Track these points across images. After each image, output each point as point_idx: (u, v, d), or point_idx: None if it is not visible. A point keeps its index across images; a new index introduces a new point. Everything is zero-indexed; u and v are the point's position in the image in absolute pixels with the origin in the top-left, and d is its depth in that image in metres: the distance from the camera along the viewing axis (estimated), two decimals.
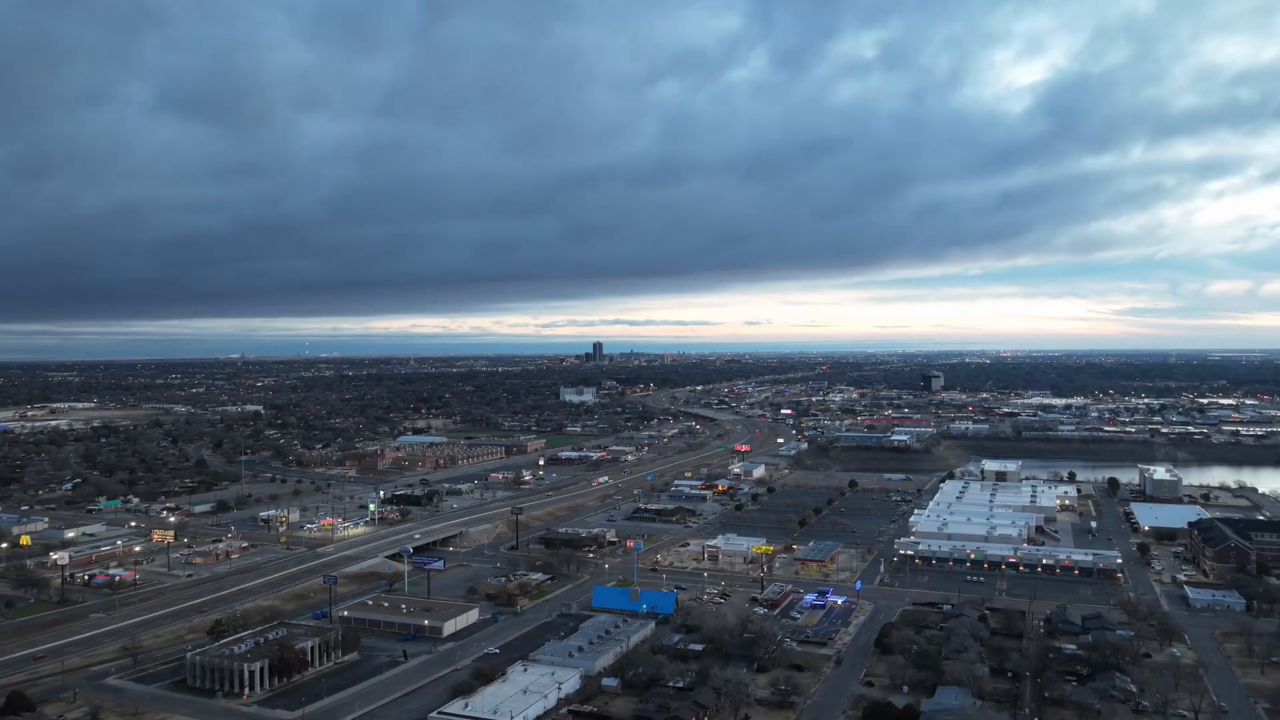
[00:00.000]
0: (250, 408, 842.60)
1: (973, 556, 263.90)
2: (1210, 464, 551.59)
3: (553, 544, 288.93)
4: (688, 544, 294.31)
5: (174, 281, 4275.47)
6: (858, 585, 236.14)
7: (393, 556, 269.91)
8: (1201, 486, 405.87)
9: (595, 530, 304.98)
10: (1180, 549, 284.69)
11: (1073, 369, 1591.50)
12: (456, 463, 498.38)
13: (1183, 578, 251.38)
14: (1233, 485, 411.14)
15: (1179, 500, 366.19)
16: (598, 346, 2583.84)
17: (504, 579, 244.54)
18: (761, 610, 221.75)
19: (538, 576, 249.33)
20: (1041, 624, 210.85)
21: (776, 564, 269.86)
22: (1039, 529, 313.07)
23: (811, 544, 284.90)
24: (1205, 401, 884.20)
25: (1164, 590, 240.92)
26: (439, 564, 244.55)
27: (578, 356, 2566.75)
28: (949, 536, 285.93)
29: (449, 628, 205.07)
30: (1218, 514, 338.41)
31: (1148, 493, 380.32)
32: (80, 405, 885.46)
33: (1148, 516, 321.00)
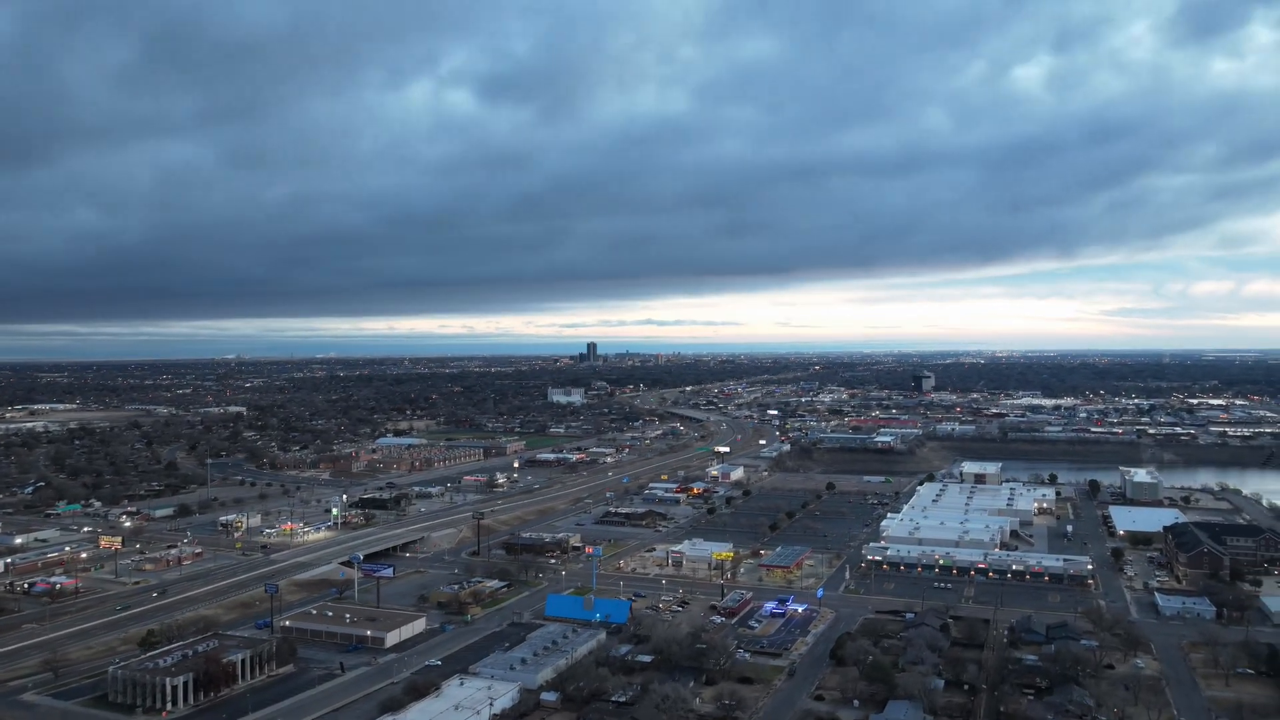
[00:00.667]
0: (233, 409, 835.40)
1: (941, 562, 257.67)
2: (1197, 466, 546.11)
3: (514, 550, 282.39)
4: (654, 549, 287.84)
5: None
6: (819, 593, 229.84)
7: (346, 563, 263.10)
8: (1183, 489, 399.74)
9: (560, 535, 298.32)
10: (1155, 554, 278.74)
11: (1066, 369, 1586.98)
12: (433, 465, 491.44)
13: (1155, 584, 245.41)
14: (1215, 487, 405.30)
15: (1159, 503, 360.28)
16: (591, 347, 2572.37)
17: (457, 586, 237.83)
18: (719, 619, 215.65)
19: (493, 584, 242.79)
20: (1006, 633, 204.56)
21: (742, 570, 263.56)
22: (1014, 533, 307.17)
23: (779, 549, 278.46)
24: (1195, 402, 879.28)
25: (1135, 597, 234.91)
26: (388, 571, 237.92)
27: (571, 357, 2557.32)
28: (920, 541, 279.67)
29: (392, 638, 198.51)
30: (1197, 517, 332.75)
31: (1128, 495, 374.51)
32: (61, 407, 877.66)
33: (1125, 520, 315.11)
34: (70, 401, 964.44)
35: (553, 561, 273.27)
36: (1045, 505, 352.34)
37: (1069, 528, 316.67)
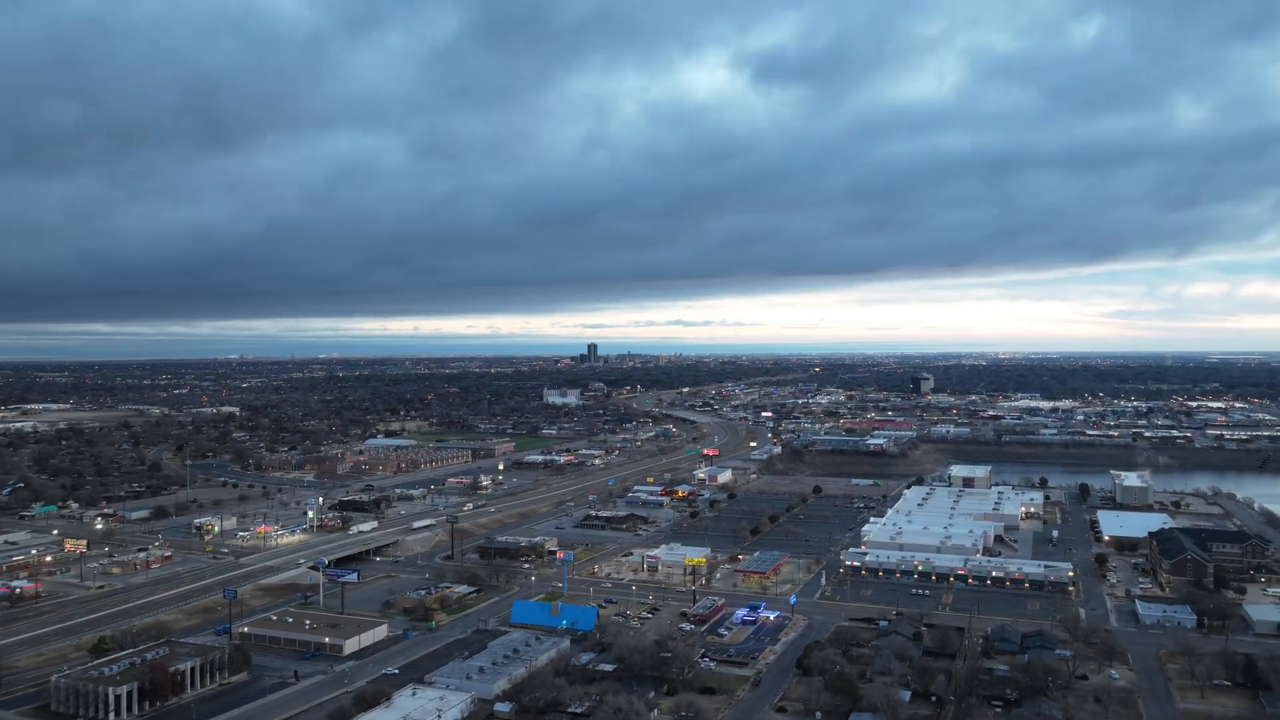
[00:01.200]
0: (227, 409, 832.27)
1: (920, 568, 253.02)
2: (1192, 469, 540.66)
3: (488, 554, 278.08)
4: (631, 554, 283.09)
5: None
6: (792, 599, 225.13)
7: (315, 567, 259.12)
8: (1175, 493, 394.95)
9: (536, 539, 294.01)
10: (1141, 560, 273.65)
11: (1067, 372, 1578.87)
12: (419, 466, 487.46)
13: (1137, 591, 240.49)
14: (1208, 491, 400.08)
15: (1149, 508, 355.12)
16: (592, 348, 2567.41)
17: (424, 592, 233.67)
18: (688, 626, 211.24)
19: (461, 589, 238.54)
20: (980, 642, 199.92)
21: (717, 575, 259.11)
22: (998, 538, 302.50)
23: (756, 555, 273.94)
24: (1195, 405, 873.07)
25: (1116, 605, 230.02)
26: (352, 576, 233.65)
27: (572, 358, 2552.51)
28: (901, 547, 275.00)
29: (351, 645, 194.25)
30: (1186, 522, 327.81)
31: (1118, 500, 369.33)
32: (55, 406, 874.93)
33: (1112, 525, 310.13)
34: (64, 401, 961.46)
35: (526, 566, 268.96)
36: (1032, 510, 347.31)
37: (1054, 533, 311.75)
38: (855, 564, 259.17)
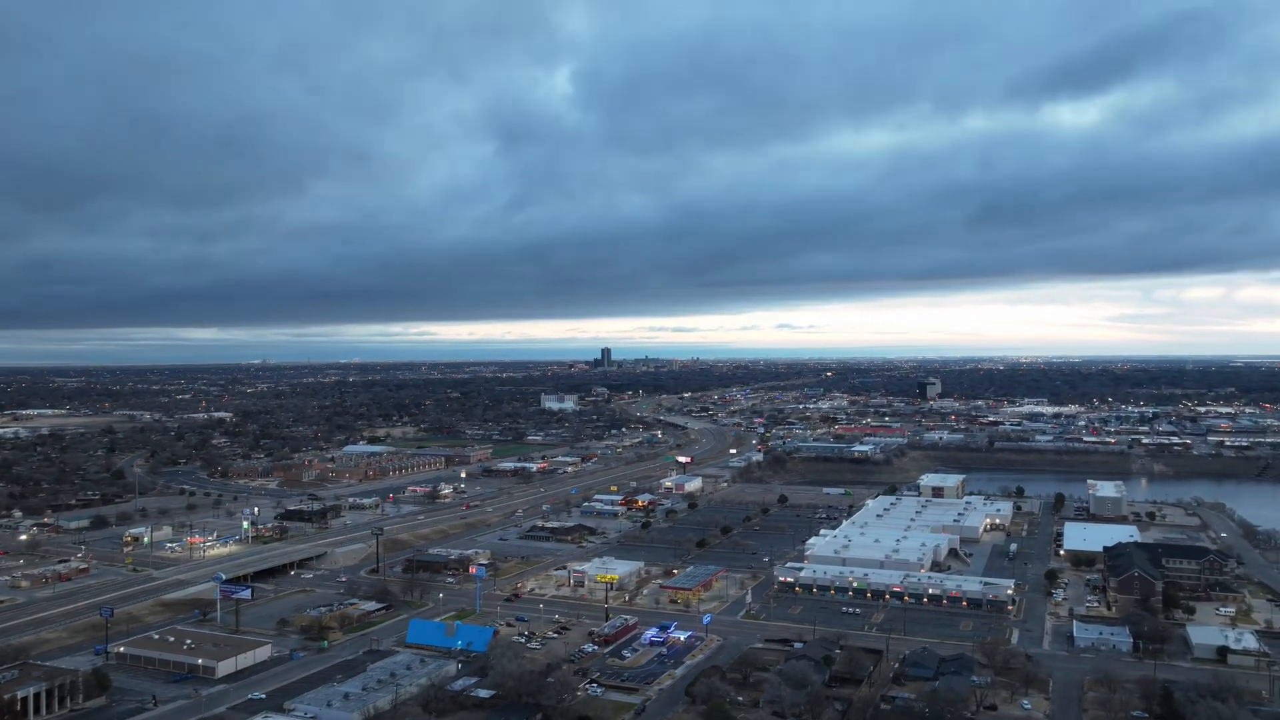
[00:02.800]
0: (218, 414, 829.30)
1: (856, 585, 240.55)
2: (1189, 477, 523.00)
3: (414, 567, 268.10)
4: (565, 568, 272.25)
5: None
6: (706, 619, 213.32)
7: (233, 581, 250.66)
8: (1153, 504, 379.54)
9: (468, 552, 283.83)
10: (1096, 576, 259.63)
11: (1081, 376, 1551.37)
12: (388, 474, 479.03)
13: (1081, 610, 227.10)
14: (1190, 501, 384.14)
15: (1123, 519, 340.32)
16: (606, 352, 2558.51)
17: (325, 609, 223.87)
18: (590, 648, 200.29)
19: (369, 606, 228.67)
20: (896, 666, 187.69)
21: (644, 592, 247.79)
22: (952, 552, 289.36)
23: (690, 569, 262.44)
24: (1204, 410, 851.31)
25: (1055, 625, 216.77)
26: (246, 593, 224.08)
27: (586, 363, 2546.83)
28: (844, 561, 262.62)
29: (226, 667, 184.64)
30: (1158, 534, 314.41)
31: (1092, 511, 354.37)
32: (49, 412, 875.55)
33: (1075, 538, 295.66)
34: (62, 407, 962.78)
35: (450, 580, 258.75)
36: (998, 521, 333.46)
37: (1013, 546, 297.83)
38: (789, 580, 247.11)
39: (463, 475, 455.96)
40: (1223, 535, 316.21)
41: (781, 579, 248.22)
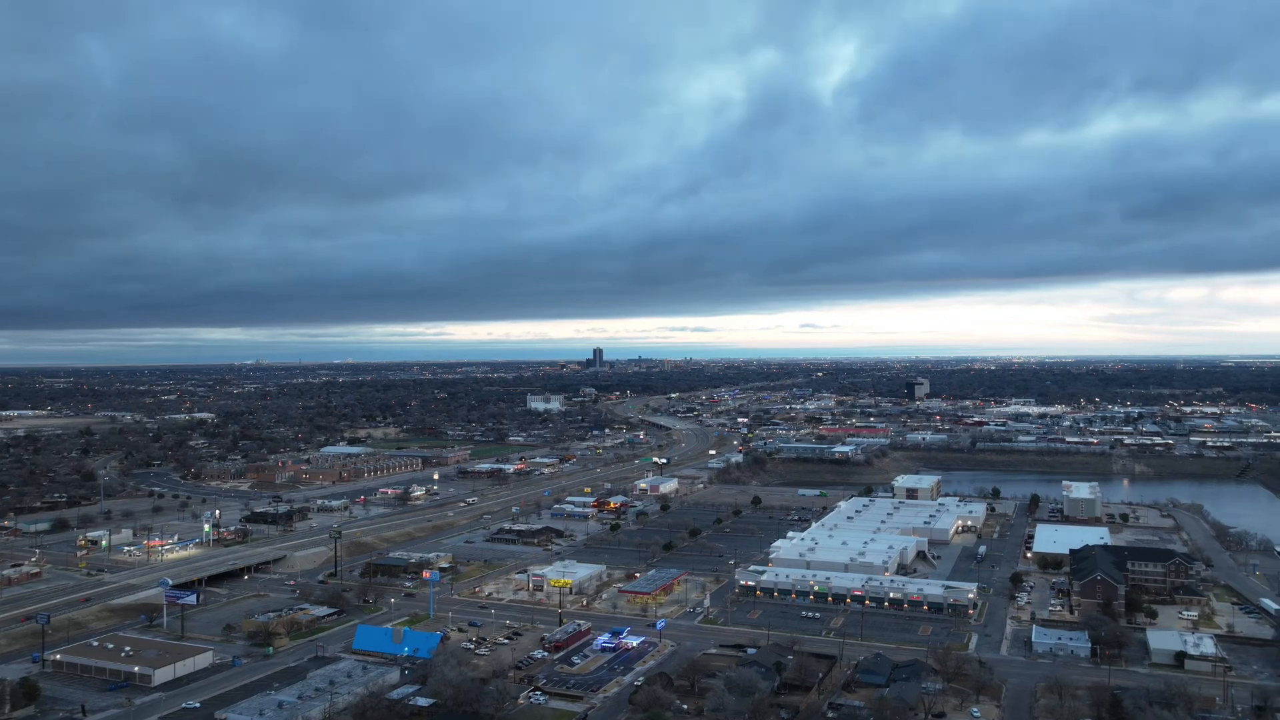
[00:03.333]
0: (200, 415, 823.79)
1: (816, 589, 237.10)
2: (1170, 478, 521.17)
3: (372, 571, 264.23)
4: (526, 571, 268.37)
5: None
6: (660, 624, 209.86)
7: (182, 585, 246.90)
8: (1129, 504, 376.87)
9: (430, 555, 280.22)
10: (1062, 580, 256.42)
11: (1072, 376, 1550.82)
12: (363, 475, 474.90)
13: (1044, 614, 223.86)
14: (1164, 503, 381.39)
15: (1096, 521, 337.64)
16: (598, 352, 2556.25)
17: (274, 614, 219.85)
18: (540, 654, 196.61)
19: (320, 611, 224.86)
20: (849, 673, 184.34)
21: (603, 596, 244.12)
22: (920, 555, 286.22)
23: (652, 573, 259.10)
24: (1190, 410, 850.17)
25: (1015, 630, 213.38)
26: (191, 598, 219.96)
27: (579, 362, 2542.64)
28: (808, 565, 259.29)
29: (164, 675, 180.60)
30: (1130, 536, 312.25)
31: (1065, 513, 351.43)
32: (30, 413, 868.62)
33: (1045, 540, 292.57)
34: (43, 408, 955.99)
35: (408, 584, 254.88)
36: (969, 523, 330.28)
37: (982, 549, 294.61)
38: (750, 583, 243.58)
39: (435, 477, 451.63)
40: (1194, 537, 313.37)
41: (743, 583, 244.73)
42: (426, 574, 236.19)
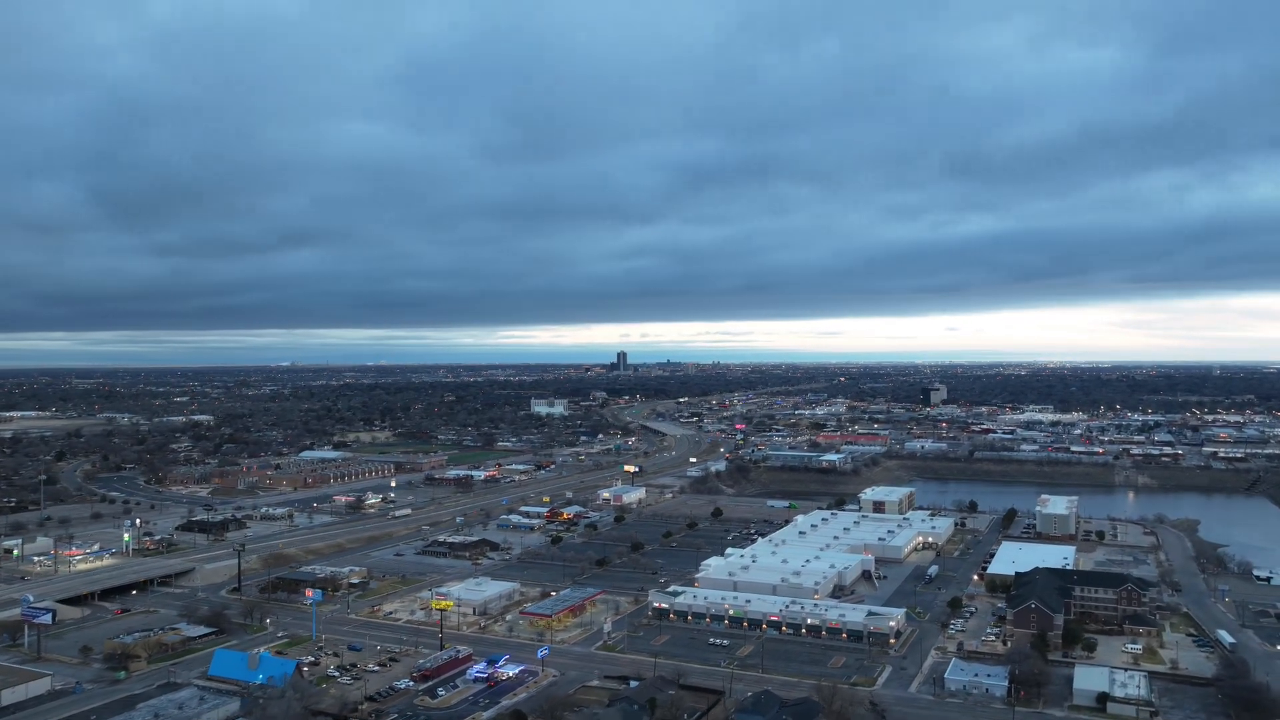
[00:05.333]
0: (197, 417, 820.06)
1: (731, 613, 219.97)
2: (1174, 490, 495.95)
3: (272, 586, 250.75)
4: (434, 589, 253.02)
5: None
6: (541, 651, 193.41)
7: (74, 600, 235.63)
8: (1111, 520, 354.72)
9: (344, 570, 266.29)
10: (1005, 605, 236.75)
11: (1100, 382, 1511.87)
12: (328, 481, 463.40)
13: (976, 645, 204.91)
14: (1152, 518, 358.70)
15: (1070, 538, 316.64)
16: (622, 355, 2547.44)
17: (148, 633, 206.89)
18: (406, 683, 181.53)
19: (195, 631, 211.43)
20: (734, 712, 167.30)
21: (507, 617, 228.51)
22: (866, 574, 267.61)
23: (567, 591, 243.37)
24: (1212, 418, 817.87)
25: (934, 664, 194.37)
26: (46, 618, 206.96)
27: (603, 366, 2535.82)
28: (735, 585, 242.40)
29: None
30: (1102, 555, 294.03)
31: (1038, 529, 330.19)
32: (33, 414, 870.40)
33: (1004, 560, 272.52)
34: (49, 409, 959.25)
35: (306, 601, 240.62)
36: (930, 540, 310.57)
37: (933, 569, 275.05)
38: (664, 606, 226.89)
39: (393, 485, 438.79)
40: (1172, 558, 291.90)
41: (656, 605, 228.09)
42: (309, 593, 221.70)
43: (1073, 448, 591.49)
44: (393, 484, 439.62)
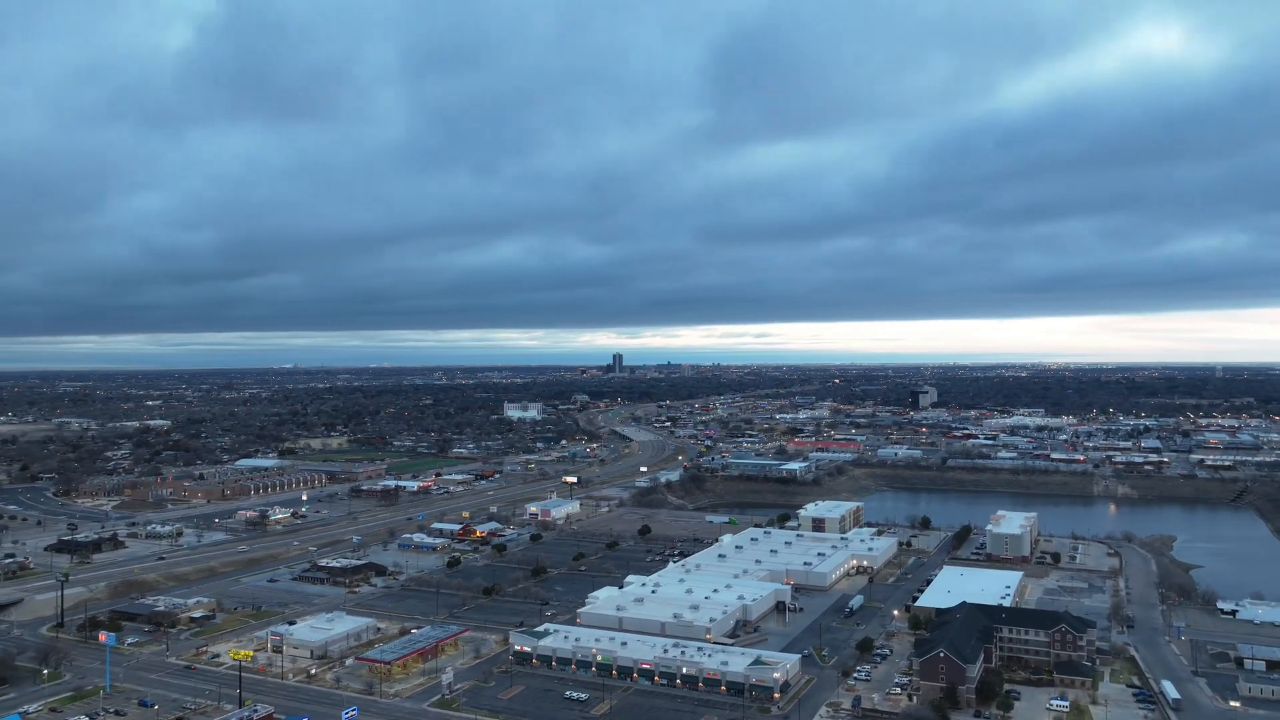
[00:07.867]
0: (153, 422, 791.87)
1: (598, 659, 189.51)
2: (1156, 501, 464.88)
3: (97, 623, 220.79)
4: (294, 624, 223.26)
5: None
6: (347, 712, 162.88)
7: None
8: (1075, 539, 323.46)
9: (189, 600, 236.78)
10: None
11: (1099, 383, 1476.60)
12: (249, 494, 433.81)
13: (878, 700, 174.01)
14: (1119, 536, 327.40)
15: (1024, 560, 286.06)
16: (617, 358, 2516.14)
17: None
18: None
19: None
20: None
21: (346, 663, 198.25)
22: (779, 606, 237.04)
23: (425, 629, 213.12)
24: (1206, 422, 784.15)
25: None
26: None
27: (599, 368, 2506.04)
28: (621, 623, 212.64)
29: None
30: (1054, 581, 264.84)
31: (989, 550, 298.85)
32: None
33: (937, 590, 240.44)
34: (5, 413, 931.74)
35: (130, 642, 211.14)
36: (864, 564, 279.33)
37: (858, 600, 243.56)
38: (526, 649, 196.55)
39: (304, 498, 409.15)
40: (1133, 585, 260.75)
41: (518, 648, 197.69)
42: (103, 637, 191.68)
43: (1053, 455, 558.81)
44: (304, 496, 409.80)
